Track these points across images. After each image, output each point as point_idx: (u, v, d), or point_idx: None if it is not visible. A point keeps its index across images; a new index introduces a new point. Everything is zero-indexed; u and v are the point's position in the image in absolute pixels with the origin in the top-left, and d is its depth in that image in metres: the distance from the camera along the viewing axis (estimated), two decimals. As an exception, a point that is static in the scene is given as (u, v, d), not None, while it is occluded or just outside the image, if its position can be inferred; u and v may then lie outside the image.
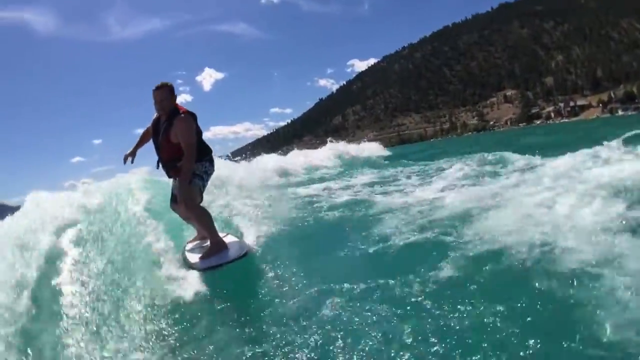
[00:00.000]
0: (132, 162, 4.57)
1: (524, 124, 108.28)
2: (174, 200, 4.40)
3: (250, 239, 4.41)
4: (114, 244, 4.15)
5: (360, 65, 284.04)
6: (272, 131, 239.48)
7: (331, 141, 17.35)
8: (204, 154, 4.23)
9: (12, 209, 4.84)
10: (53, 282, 3.36)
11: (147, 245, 4.13)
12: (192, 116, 4.16)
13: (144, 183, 5.92)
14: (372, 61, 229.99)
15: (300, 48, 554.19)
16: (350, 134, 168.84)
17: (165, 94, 4.07)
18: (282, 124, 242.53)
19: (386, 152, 19.97)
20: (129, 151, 4.54)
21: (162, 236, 4.27)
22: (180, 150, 4.07)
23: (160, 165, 4.30)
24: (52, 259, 3.64)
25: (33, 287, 3.07)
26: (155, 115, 4.25)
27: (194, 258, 4.02)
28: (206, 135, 4.33)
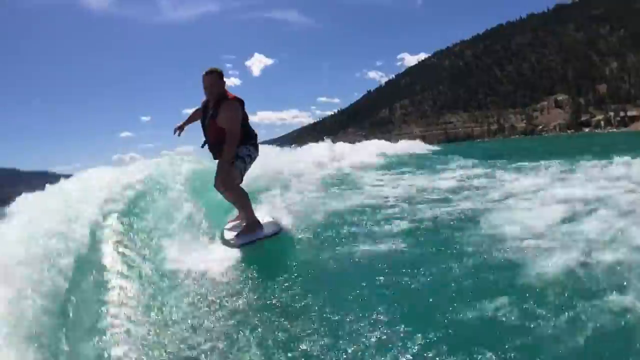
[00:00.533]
0: (179, 135, 4.91)
1: (572, 130, 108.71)
2: (217, 179, 4.50)
3: (289, 222, 4.56)
4: (156, 217, 4.34)
5: (411, 60, 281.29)
6: (318, 120, 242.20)
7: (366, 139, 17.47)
8: (248, 138, 4.44)
9: (59, 177, 4.81)
10: (96, 251, 3.45)
11: (187, 220, 4.37)
12: (239, 102, 4.34)
13: (188, 162, 6.20)
14: (422, 56, 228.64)
15: (350, 39, 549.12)
16: (397, 128, 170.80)
17: (214, 79, 4.28)
18: (329, 113, 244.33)
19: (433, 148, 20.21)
20: (179, 124, 4.88)
21: (201, 213, 4.59)
22: (225, 134, 4.25)
23: (207, 146, 4.50)
24: (96, 228, 3.69)
25: (77, 254, 3.08)
26: (205, 97, 4.44)
27: (230, 235, 4.30)
28: (253, 120, 4.52)
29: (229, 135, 4.18)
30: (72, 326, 2.46)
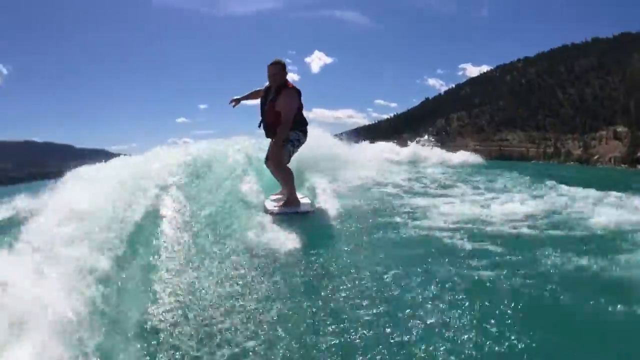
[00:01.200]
0: (233, 106, 5.41)
1: (626, 165, 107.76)
2: (267, 157, 5.26)
3: (328, 205, 5.02)
4: (214, 191, 4.91)
5: (472, 71, 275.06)
6: (374, 122, 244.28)
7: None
8: (300, 125, 5.04)
9: (115, 155, 5.03)
10: (155, 222, 3.71)
11: (241, 195, 4.94)
12: (297, 92, 4.92)
13: (244, 146, 6.94)
14: (484, 68, 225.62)
15: (412, 43, 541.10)
16: (451, 139, 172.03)
17: (278, 69, 4.91)
18: (385, 116, 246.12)
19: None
20: (236, 97, 5.34)
21: (254, 187, 5.15)
22: (281, 117, 4.85)
23: (263, 126, 5.13)
24: (156, 203, 4.00)
25: (137, 224, 3.33)
26: (267, 84, 5.11)
27: (270, 205, 4.90)
28: (308, 116, 5.54)
29: (284, 119, 4.77)
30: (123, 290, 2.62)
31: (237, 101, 5.36)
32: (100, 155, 6.08)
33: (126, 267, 2.95)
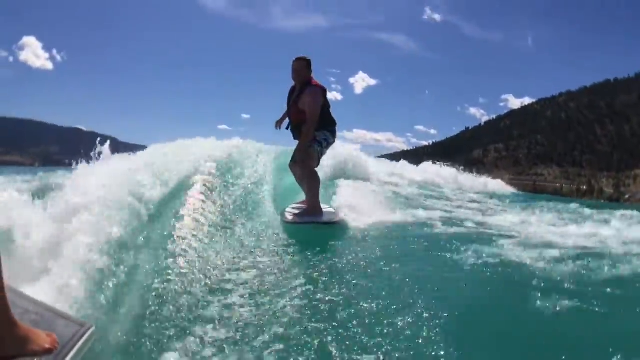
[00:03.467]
0: (279, 128, 5.12)
1: None
2: (293, 160, 4.89)
3: (355, 217, 4.67)
4: (237, 192, 4.95)
5: (515, 103, 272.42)
6: (411, 148, 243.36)
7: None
8: (328, 124, 4.75)
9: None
10: (183, 206, 3.76)
11: (260, 196, 4.96)
12: (321, 89, 4.67)
13: (272, 151, 7.01)
14: (527, 100, 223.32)
15: (455, 71, 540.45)
16: (488, 170, 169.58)
17: (302, 65, 4.68)
18: (424, 143, 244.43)
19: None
20: (278, 119, 5.15)
21: (273, 192, 5.21)
22: (306, 116, 4.58)
23: (290, 128, 4.87)
24: (186, 186, 4.16)
25: (160, 210, 3.40)
26: (292, 85, 4.86)
27: (290, 215, 4.57)
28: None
29: (308, 118, 4.51)
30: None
31: (280, 122, 5.15)
32: (141, 150, 6.15)
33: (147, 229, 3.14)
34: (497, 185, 17.63)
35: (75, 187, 2.96)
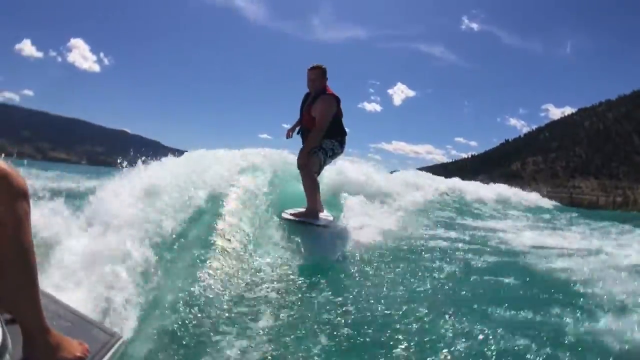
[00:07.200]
0: (291, 136, 5.14)
1: None
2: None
3: (356, 226, 4.68)
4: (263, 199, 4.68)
5: (555, 112, 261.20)
6: (450, 160, 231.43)
7: None
8: (337, 134, 4.74)
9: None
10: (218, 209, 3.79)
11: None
12: (335, 99, 4.67)
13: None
14: (567, 110, 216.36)
15: (495, 81, 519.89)
16: (525, 183, 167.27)
17: (317, 74, 4.68)
18: (464, 155, 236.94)
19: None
20: (289, 127, 5.20)
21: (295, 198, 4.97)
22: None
23: (300, 133, 4.89)
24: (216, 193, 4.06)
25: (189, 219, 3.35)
26: (306, 92, 4.87)
27: (287, 215, 4.60)
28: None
29: (317, 124, 4.54)
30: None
31: (292, 130, 5.18)
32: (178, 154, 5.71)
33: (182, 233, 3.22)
34: (534, 198, 17.32)
35: (106, 202, 3.03)
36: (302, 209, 4.72)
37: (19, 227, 1.30)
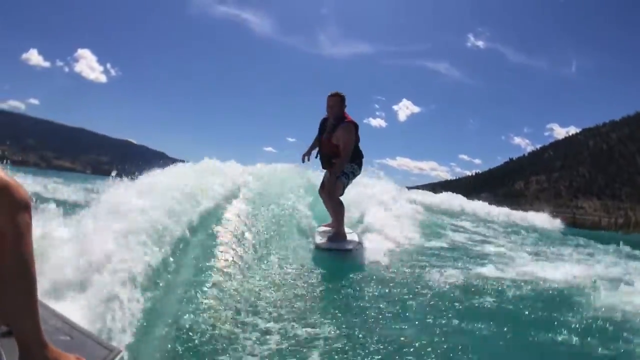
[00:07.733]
0: (308, 160, 5.37)
1: None
2: (322, 187, 5.24)
3: (375, 246, 4.95)
4: (274, 210, 5.13)
5: (560, 132, 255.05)
6: (454, 178, 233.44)
7: None
8: (355, 157, 5.01)
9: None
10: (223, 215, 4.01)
11: (296, 218, 5.17)
12: (354, 125, 4.89)
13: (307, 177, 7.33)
14: (572, 130, 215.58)
15: (500, 99, 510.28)
16: (529, 203, 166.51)
17: (337, 101, 4.88)
18: (468, 173, 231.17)
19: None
20: (305, 151, 5.37)
21: (308, 214, 5.35)
22: (338, 150, 4.84)
23: (319, 157, 5.12)
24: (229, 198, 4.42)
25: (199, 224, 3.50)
26: (324, 116, 5.07)
27: (319, 239, 4.88)
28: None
29: (343, 151, 4.80)
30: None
31: (308, 154, 5.35)
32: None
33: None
34: (542, 219, 16.98)
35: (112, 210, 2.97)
36: (329, 227, 5.14)
37: (19, 238, 1.28)
